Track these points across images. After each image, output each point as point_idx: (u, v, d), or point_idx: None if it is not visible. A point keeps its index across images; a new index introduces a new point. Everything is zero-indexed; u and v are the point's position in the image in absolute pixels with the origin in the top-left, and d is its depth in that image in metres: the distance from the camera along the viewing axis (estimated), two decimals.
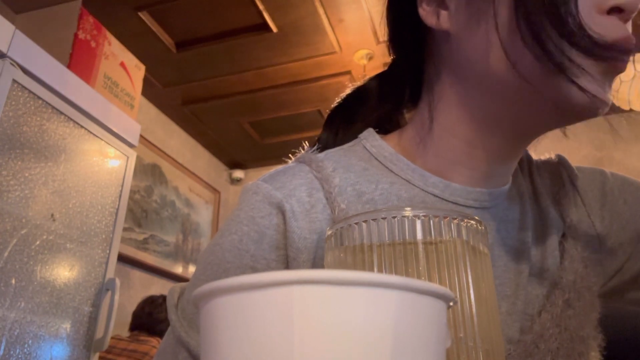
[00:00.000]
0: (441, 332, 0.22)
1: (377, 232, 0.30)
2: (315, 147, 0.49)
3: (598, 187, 0.49)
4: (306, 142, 0.53)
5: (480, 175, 0.44)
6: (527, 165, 0.52)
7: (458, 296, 0.29)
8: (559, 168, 0.52)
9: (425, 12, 0.42)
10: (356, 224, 0.31)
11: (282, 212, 0.41)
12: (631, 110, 2.22)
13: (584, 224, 0.47)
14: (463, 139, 0.43)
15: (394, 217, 0.30)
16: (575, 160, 0.52)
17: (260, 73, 2.83)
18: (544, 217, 0.47)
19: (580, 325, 0.42)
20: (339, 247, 0.32)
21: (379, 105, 0.52)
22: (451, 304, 0.23)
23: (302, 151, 0.49)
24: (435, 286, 0.22)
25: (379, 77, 0.53)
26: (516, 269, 0.44)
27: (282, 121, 3.32)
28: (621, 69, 0.37)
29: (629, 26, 0.37)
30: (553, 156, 0.54)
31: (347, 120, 0.52)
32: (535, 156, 0.54)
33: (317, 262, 0.40)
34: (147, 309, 2.18)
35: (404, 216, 0.30)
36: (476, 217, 0.31)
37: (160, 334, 2.12)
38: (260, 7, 2.33)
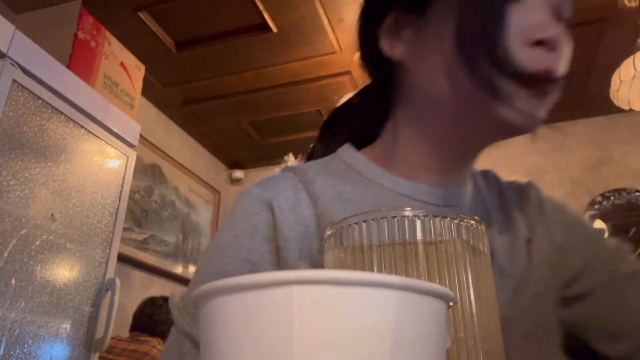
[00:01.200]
0: (441, 332, 0.22)
1: (377, 232, 0.30)
2: (299, 159, 0.56)
3: (559, 212, 0.55)
4: (307, 142, 0.58)
5: (439, 179, 0.50)
6: (495, 184, 0.57)
7: (458, 296, 0.29)
8: (527, 187, 0.57)
9: (385, 44, 0.50)
10: (356, 224, 0.31)
11: (271, 208, 0.46)
12: (631, 110, 2.22)
13: (546, 235, 0.52)
14: (421, 152, 0.50)
15: (394, 217, 0.30)
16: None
17: (260, 73, 2.83)
18: (511, 223, 0.53)
19: (545, 318, 0.47)
20: (338, 247, 0.32)
21: (363, 120, 0.59)
22: (451, 304, 0.23)
23: (289, 160, 0.56)
24: (435, 286, 0.22)
25: (359, 94, 0.59)
26: None
27: (282, 121, 3.32)
28: (546, 96, 0.43)
29: (560, 53, 0.42)
30: (523, 179, 0.60)
31: (337, 132, 0.59)
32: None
33: (303, 252, 0.45)
34: (147, 310, 2.17)
35: (404, 216, 0.30)
36: (476, 217, 0.31)
37: (161, 335, 2.11)
38: (260, 7, 2.33)
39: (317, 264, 0.45)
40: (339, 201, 0.47)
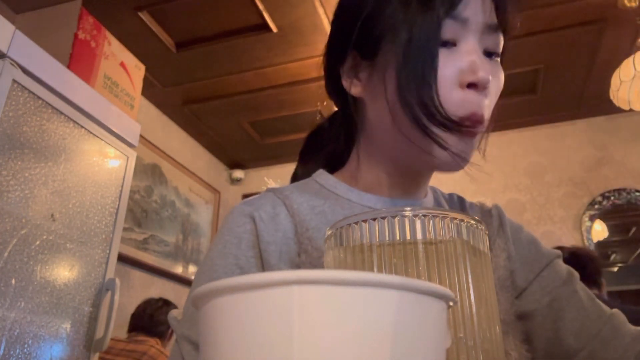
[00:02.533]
0: (441, 332, 0.22)
1: (377, 232, 0.30)
2: (276, 184, 0.62)
3: (517, 231, 0.60)
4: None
5: (400, 191, 0.56)
6: (458, 201, 0.63)
7: (458, 296, 0.29)
8: (491, 208, 0.62)
9: (345, 82, 0.56)
10: (356, 223, 0.31)
11: (253, 219, 0.52)
12: (631, 110, 2.22)
13: (504, 247, 0.57)
14: (379, 172, 0.57)
15: (394, 217, 0.30)
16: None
17: (260, 73, 2.83)
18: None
19: (503, 312, 0.51)
20: (338, 247, 0.32)
21: (334, 144, 0.65)
22: (451, 304, 0.23)
23: (269, 184, 0.62)
24: (435, 286, 0.22)
25: (329, 120, 0.67)
26: None
27: (282, 121, 3.32)
28: (473, 135, 0.48)
29: (487, 93, 0.48)
30: (489, 203, 0.64)
31: (314, 155, 0.66)
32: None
33: (282, 255, 0.50)
34: (148, 310, 2.18)
35: (404, 216, 0.30)
36: (476, 217, 0.31)
37: (159, 335, 2.11)
38: (260, 7, 2.33)
39: (297, 266, 0.49)
40: (313, 213, 0.54)
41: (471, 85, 0.47)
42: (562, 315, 0.52)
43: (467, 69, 0.47)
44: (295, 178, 0.66)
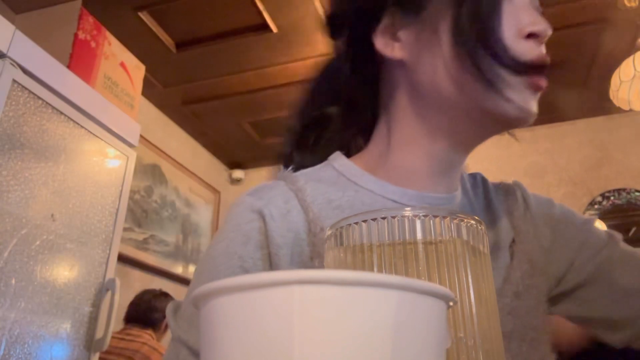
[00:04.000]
0: (441, 332, 0.22)
1: (377, 232, 0.30)
2: (290, 168, 0.55)
3: (546, 210, 0.56)
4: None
5: (432, 182, 0.51)
6: (482, 185, 0.59)
7: (458, 296, 0.29)
8: (514, 188, 0.58)
9: (381, 45, 0.50)
10: (356, 224, 0.31)
11: (262, 217, 0.47)
12: (631, 110, 2.22)
13: (531, 234, 0.53)
14: (416, 149, 0.51)
15: (394, 217, 0.30)
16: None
17: (260, 73, 2.83)
18: (496, 224, 0.54)
19: (531, 314, 0.48)
20: (338, 247, 0.32)
21: (345, 127, 0.59)
22: (451, 304, 0.23)
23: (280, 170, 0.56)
24: (435, 286, 0.22)
25: (339, 103, 0.59)
26: None
27: (282, 121, 3.31)
28: (541, 85, 0.46)
29: (543, 48, 0.47)
30: (510, 181, 0.60)
31: (315, 142, 0.59)
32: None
33: (294, 258, 0.46)
34: (146, 297, 2.22)
35: (404, 216, 0.30)
36: (476, 217, 0.31)
37: (154, 323, 2.13)
38: (260, 7, 2.33)
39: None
40: (329, 208, 0.49)
41: (530, 36, 0.45)
42: (613, 275, 0.50)
43: (527, 19, 0.46)
44: (286, 166, 0.58)
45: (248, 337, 0.20)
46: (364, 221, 0.31)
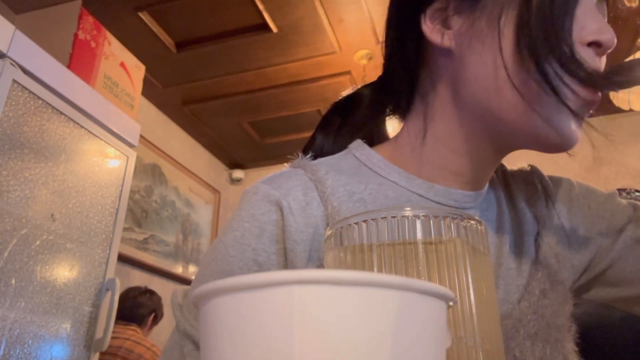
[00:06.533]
0: (441, 332, 0.22)
1: (377, 232, 0.30)
2: (309, 155, 0.52)
3: (566, 193, 0.54)
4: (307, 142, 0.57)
5: (463, 180, 0.48)
6: (502, 174, 0.56)
7: (458, 296, 0.29)
8: (532, 175, 0.56)
9: (429, 29, 0.46)
10: (356, 224, 0.31)
11: (280, 208, 0.44)
12: (631, 110, 2.22)
13: (554, 224, 0.52)
14: (453, 148, 0.48)
15: (394, 217, 0.30)
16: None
17: (260, 73, 2.83)
18: (520, 217, 0.52)
19: (556, 314, 0.46)
20: (338, 247, 0.32)
21: (373, 114, 0.56)
22: (451, 303, 0.23)
23: (299, 156, 0.53)
24: (435, 286, 0.22)
25: (372, 85, 0.56)
26: (496, 262, 0.49)
27: (282, 121, 3.32)
28: (595, 102, 0.43)
29: (604, 61, 0.43)
30: (526, 165, 0.58)
31: (340, 127, 0.56)
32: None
33: (312, 254, 0.44)
34: (131, 293, 2.23)
35: (404, 216, 0.30)
36: (476, 217, 0.31)
37: (139, 319, 2.14)
38: (260, 7, 2.33)
39: None
40: (349, 201, 0.46)
41: (591, 44, 0.42)
42: None
43: (593, 25, 0.41)
44: (307, 150, 0.55)
45: (248, 337, 0.20)
46: (364, 221, 0.31)
